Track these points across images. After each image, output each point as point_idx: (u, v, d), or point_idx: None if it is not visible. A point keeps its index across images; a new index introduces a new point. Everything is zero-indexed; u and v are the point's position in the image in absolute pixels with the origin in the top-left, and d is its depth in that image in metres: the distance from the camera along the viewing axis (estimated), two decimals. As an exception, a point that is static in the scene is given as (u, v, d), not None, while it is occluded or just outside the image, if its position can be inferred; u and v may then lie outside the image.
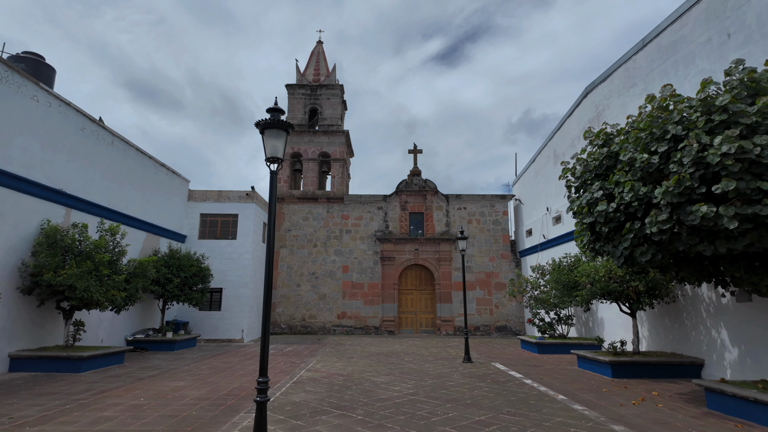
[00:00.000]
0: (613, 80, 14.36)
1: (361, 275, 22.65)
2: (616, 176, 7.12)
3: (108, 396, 7.94)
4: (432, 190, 23.47)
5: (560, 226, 18.03)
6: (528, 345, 15.72)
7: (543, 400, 7.81)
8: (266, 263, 4.84)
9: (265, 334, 4.71)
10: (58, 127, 11.85)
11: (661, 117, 6.71)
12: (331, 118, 24.88)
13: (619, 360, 10.24)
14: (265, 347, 4.64)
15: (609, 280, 10.73)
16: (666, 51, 11.68)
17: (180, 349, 15.32)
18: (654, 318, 12.15)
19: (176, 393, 8.26)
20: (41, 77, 12.56)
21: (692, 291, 10.61)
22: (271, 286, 4.80)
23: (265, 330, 4.72)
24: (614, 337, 13.34)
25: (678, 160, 6.15)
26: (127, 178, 15.11)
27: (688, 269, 7.57)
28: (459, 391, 8.57)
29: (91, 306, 11.12)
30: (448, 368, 11.46)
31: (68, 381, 9.35)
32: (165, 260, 15.80)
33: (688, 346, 10.68)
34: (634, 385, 9.25)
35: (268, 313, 4.75)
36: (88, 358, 10.58)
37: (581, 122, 16.52)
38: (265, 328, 4.70)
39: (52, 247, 10.72)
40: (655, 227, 6.36)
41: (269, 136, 4.95)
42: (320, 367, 11.49)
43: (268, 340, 4.68)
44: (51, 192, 11.52)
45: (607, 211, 7.24)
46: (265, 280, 4.77)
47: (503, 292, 22.46)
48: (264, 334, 4.70)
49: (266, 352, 4.64)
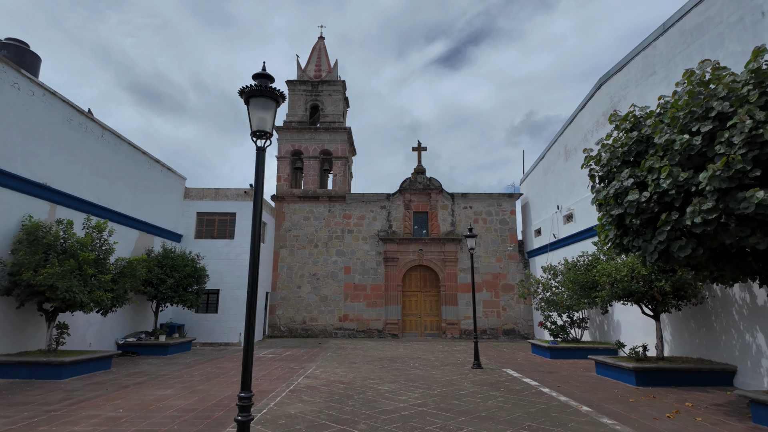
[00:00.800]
0: (630, 69, 13.58)
1: (364, 276, 21.87)
2: (649, 162, 6.34)
3: (85, 407, 7.19)
4: (437, 188, 22.70)
5: (572, 224, 17.21)
6: (540, 349, 14.90)
7: (566, 412, 7.01)
8: (251, 259, 4.09)
9: (249, 340, 3.95)
10: (41, 117, 11.15)
11: (702, 93, 5.93)
12: (333, 114, 24.16)
13: (644, 366, 9.42)
14: (248, 357, 3.87)
15: (631, 279, 9.93)
16: (690, 34, 10.90)
17: (173, 354, 14.58)
18: (678, 321, 11.33)
19: (160, 403, 7.51)
20: (24, 65, 11.88)
21: (722, 291, 9.79)
22: (255, 286, 4.05)
23: (249, 336, 3.96)
24: (632, 341, 12.50)
25: (726, 141, 5.38)
26: (118, 173, 14.40)
27: (729, 266, 6.77)
28: (471, 401, 7.78)
29: (74, 308, 10.39)
30: (457, 375, 10.67)
31: (46, 389, 8.61)
32: (158, 260, 15.08)
33: (718, 352, 9.85)
34: (662, 395, 8.43)
35: (253, 316, 3.99)
36: (71, 363, 9.84)
37: (594, 115, 15.74)
38: (248, 333, 3.94)
39: (33, 245, 10.01)
40: (698, 217, 5.58)
41: (255, 106, 4.21)
42: (320, 374, 10.72)
43: (252, 347, 3.91)
44: (33, 186, 10.81)
45: (639, 200, 6.45)
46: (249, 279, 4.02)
47: (511, 294, 21.64)
48: (247, 341, 3.93)
49: (249, 362, 3.87)
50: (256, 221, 4.17)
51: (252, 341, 3.92)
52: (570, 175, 17.59)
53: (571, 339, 14.86)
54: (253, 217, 4.14)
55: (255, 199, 4.10)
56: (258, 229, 4.13)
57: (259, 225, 4.18)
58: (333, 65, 25.32)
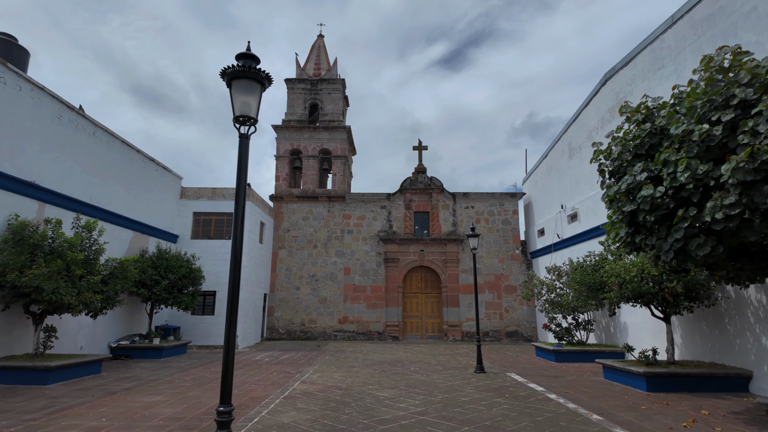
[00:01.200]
0: (637, 64, 13.19)
1: (364, 278, 21.47)
2: (664, 154, 5.94)
3: (66, 415, 6.80)
4: (438, 188, 22.30)
5: (576, 224, 16.80)
6: (544, 352, 14.48)
7: (575, 421, 6.61)
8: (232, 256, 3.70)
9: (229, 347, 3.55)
10: (30, 113, 10.79)
11: (722, 81, 5.53)
12: (333, 113, 23.79)
13: (655, 371, 9.01)
14: (228, 366, 3.47)
15: (641, 280, 9.51)
16: (701, 26, 10.51)
17: (168, 357, 14.19)
18: (688, 323, 10.91)
19: (146, 411, 7.12)
20: (12, 59, 11.51)
21: (736, 293, 9.37)
22: (237, 287, 3.67)
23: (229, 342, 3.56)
24: (639, 344, 12.07)
25: (750, 130, 4.98)
26: (111, 172, 14.03)
27: (749, 266, 6.36)
28: (475, 408, 7.38)
29: (62, 310, 10.00)
30: (459, 380, 10.26)
31: (29, 395, 8.22)
32: (152, 261, 14.70)
33: (732, 356, 9.44)
34: (675, 401, 8.02)
35: (235, 320, 3.60)
36: (57, 368, 9.46)
37: (599, 112, 15.34)
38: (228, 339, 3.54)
39: (19, 245, 9.63)
40: (720, 213, 5.18)
41: (239, 89, 3.82)
42: (317, 379, 10.32)
43: (233, 355, 3.52)
44: (21, 184, 10.45)
45: (653, 196, 6.05)
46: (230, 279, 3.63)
47: (514, 296, 21.21)
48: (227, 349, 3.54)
49: (230, 372, 3.48)
50: (238, 215, 3.78)
51: (233, 347, 3.52)
52: (574, 173, 17.19)
53: (577, 342, 14.44)
54: (235, 210, 3.76)
55: (237, 191, 3.72)
56: (240, 223, 3.75)
57: (241, 218, 3.80)
58: (332, 63, 24.95)
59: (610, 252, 11.68)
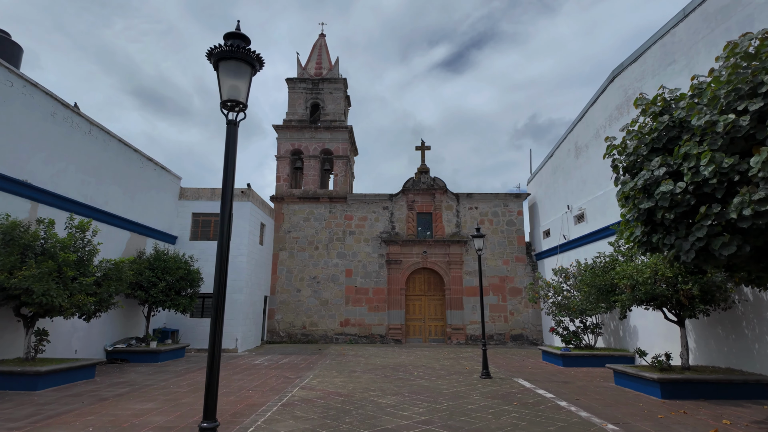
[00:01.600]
0: (647, 59, 12.81)
1: (366, 280, 21.09)
2: (685, 147, 5.57)
3: (51, 425, 6.45)
4: (441, 188, 21.93)
5: (583, 224, 16.39)
6: (551, 357, 14.07)
7: (590, 431, 6.22)
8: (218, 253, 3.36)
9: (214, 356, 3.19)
10: (21, 110, 10.49)
11: (748, 68, 5.16)
12: (334, 113, 23.48)
13: (670, 377, 8.60)
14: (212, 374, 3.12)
15: (655, 282, 9.12)
16: (714, 18, 10.14)
17: (165, 361, 13.85)
18: (702, 327, 10.50)
19: (136, 419, 6.77)
20: (4, 55, 11.25)
21: (755, 295, 8.97)
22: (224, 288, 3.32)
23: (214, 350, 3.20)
24: (651, 348, 11.64)
25: (781, 119, 4.61)
26: (107, 172, 13.73)
27: (775, 267, 5.96)
28: (482, 417, 7.00)
29: (53, 313, 9.68)
30: (465, 386, 9.87)
31: (17, 402, 7.89)
32: (149, 262, 14.37)
33: (750, 362, 9.02)
34: (692, 409, 7.62)
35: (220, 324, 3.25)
36: (47, 373, 9.12)
37: (607, 110, 14.96)
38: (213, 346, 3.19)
39: (9, 245, 9.30)
40: (748, 209, 4.80)
41: (226, 71, 3.49)
42: (317, 384, 9.95)
43: (218, 363, 3.16)
44: (12, 183, 10.14)
45: (673, 192, 5.68)
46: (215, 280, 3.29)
47: (519, 298, 20.79)
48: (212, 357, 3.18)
49: (215, 380, 3.12)
50: (226, 209, 3.44)
51: (218, 355, 3.17)
52: (581, 173, 16.80)
53: (585, 345, 14.02)
54: (222, 203, 3.41)
55: (224, 182, 3.38)
56: (228, 217, 3.41)
57: (229, 213, 3.46)
58: (334, 63, 24.66)
59: (621, 253, 11.29)
